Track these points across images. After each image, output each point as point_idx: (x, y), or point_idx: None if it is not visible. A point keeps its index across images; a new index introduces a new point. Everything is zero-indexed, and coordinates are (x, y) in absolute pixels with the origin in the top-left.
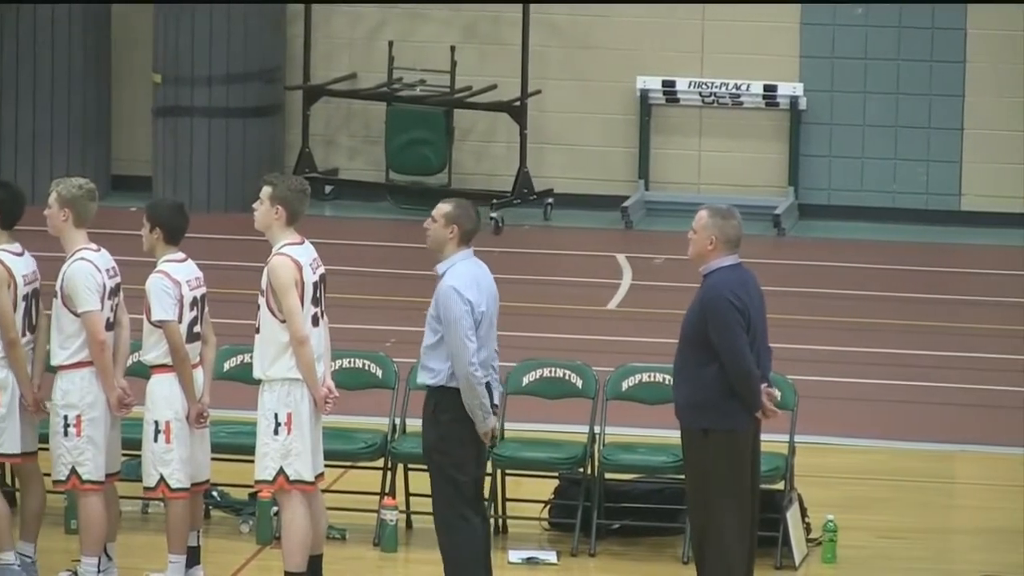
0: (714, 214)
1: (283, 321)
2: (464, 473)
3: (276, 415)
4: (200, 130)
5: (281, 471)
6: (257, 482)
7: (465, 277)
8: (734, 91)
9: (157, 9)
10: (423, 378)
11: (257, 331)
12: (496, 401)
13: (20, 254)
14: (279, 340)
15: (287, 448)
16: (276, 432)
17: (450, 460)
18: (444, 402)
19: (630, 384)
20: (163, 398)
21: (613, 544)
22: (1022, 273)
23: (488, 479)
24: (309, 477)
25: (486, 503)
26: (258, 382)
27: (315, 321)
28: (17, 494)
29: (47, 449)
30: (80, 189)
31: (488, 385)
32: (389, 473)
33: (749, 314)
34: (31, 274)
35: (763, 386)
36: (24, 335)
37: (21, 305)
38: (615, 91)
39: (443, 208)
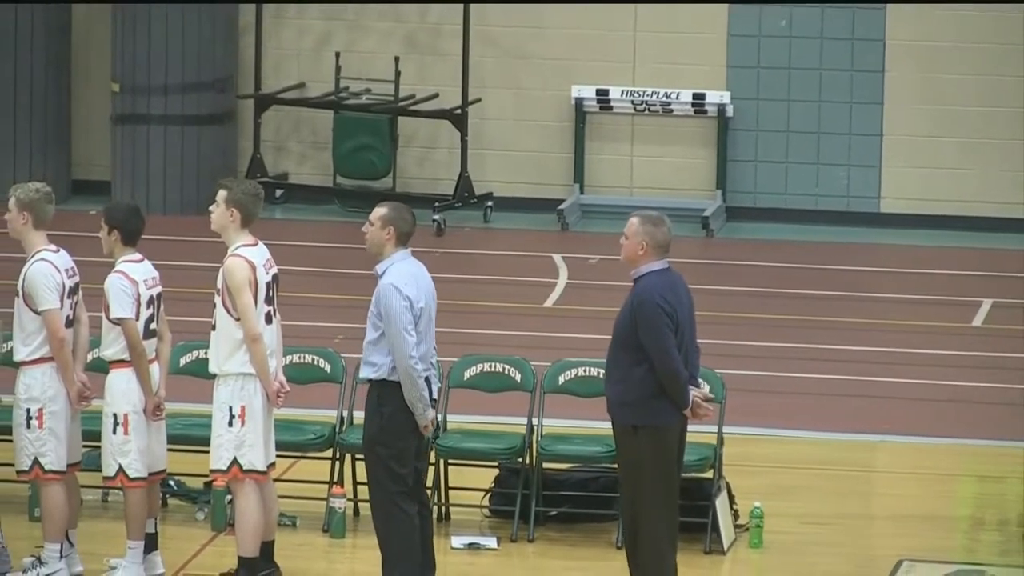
0: (644, 221)
1: (238, 319)
2: (403, 464)
3: (231, 408)
4: (156, 137)
5: (235, 461)
6: (212, 471)
7: (404, 275)
8: (664, 99)
9: (114, 19)
10: (365, 373)
11: (213, 328)
12: (435, 395)
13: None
14: (234, 337)
15: (241, 439)
16: (231, 424)
17: (390, 451)
18: (385, 395)
19: (566, 378)
20: (121, 392)
21: (551, 530)
22: (937, 272)
23: (432, 468)
24: (261, 467)
25: (429, 491)
26: (213, 376)
27: (268, 319)
28: None
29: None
30: (37, 192)
31: (427, 379)
32: (337, 463)
33: (677, 316)
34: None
35: (702, 389)
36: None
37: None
38: (551, 99)
39: (379, 211)
